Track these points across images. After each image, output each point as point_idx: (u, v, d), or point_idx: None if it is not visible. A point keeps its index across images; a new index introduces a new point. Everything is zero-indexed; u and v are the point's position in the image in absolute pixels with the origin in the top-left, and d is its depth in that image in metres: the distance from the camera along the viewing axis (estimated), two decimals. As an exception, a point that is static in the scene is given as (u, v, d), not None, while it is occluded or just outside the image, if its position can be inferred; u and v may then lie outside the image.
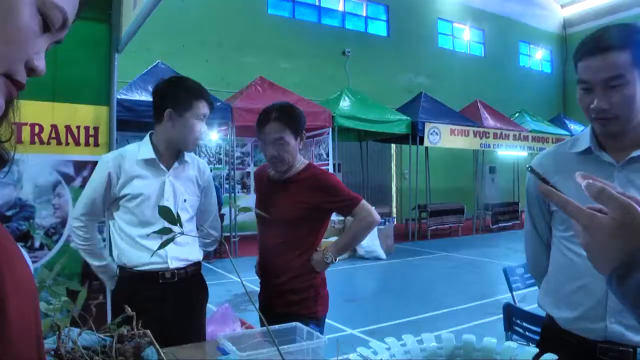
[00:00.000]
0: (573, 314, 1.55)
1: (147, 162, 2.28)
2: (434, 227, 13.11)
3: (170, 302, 2.26)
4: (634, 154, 1.46)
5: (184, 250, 2.32)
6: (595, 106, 1.43)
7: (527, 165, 0.77)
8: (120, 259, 2.30)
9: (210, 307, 2.48)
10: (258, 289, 2.44)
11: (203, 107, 2.27)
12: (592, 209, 0.71)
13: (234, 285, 6.45)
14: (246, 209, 1.44)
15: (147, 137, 2.35)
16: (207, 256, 9.58)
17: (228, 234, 9.52)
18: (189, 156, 2.40)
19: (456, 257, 10.14)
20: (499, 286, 5.83)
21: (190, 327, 2.33)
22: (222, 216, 9.18)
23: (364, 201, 2.30)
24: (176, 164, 2.33)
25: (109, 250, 2.47)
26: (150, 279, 2.26)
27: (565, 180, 1.28)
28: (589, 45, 1.42)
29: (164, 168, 2.30)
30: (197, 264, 2.42)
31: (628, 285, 0.67)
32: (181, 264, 2.32)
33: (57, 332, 1.39)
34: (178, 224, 1.36)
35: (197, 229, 2.45)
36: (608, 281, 0.70)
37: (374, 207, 2.47)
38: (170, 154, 2.33)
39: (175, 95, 2.26)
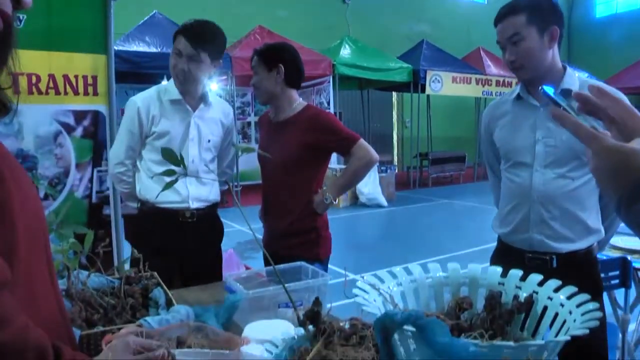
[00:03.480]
0: (508, 228, 1.98)
1: (174, 103, 2.37)
2: (435, 175, 13.14)
3: (188, 240, 2.33)
4: None
5: (206, 191, 2.41)
6: (506, 59, 1.91)
7: (540, 87, 0.77)
8: (143, 194, 2.39)
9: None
10: (261, 237, 2.48)
11: (178, 43, 2.30)
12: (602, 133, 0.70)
13: (237, 233, 6.53)
14: (249, 149, 1.44)
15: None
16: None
17: (231, 184, 9.54)
18: (214, 98, 2.49)
19: (457, 204, 10.20)
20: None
21: (207, 265, 2.42)
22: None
23: (362, 140, 2.30)
24: (202, 106, 2.41)
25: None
26: (170, 217, 2.34)
27: (503, 120, 1.99)
28: (498, 14, 1.89)
29: (190, 109, 2.39)
30: (215, 205, 2.50)
31: (636, 211, 0.67)
32: (201, 205, 2.39)
33: (67, 273, 1.41)
34: (182, 165, 1.37)
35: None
36: (616, 207, 0.70)
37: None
38: (194, 96, 2.40)
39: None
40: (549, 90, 0.77)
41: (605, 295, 2.28)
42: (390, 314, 0.49)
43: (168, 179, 2.27)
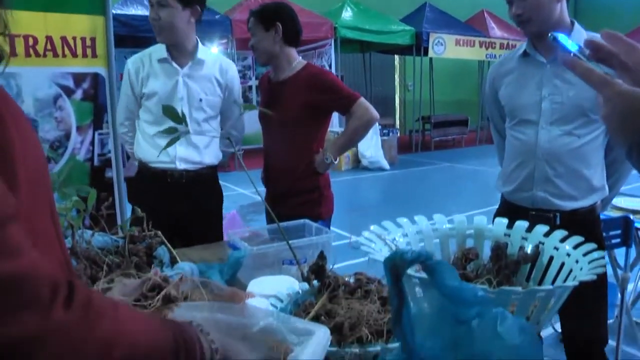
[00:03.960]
0: (512, 186, 1.98)
1: (161, 61, 2.35)
2: (438, 138, 13.08)
3: (180, 203, 2.32)
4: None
5: (195, 152, 2.37)
6: (512, 13, 1.84)
7: (550, 34, 0.74)
8: (137, 153, 2.42)
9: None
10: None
11: None
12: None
13: (239, 197, 6.54)
14: (251, 107, 1.42)
15: None
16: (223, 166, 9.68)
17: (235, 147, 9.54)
18: (209, 55, 2.43)
19: (460, 168, 10.19)
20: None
21: (203, 231, 2.39)
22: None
23: (362, 99, 2.29)
24: (190, 63, 2.35)
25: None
26: (160, 177, 2.34)
27: (509, 78, 1.96)
28: None
29: (177, 67, 2.34)
30: (213, 168, 2.46)
31: None
32: (190, 166, 2.34)
33: (71, 232, 1.41)
34: (183, 123, 1.35)
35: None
36: (628, 153, 0.68)
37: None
38: (183, 53, 2.35)
39: None
40: (561, 37, 0.75)
41: (606, 255, 2.30)
42: (401, 252, 0.49)
43: (162, 141, 2.27)
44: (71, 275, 0.71)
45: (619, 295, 2.63)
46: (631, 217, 2.52)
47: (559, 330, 2.42)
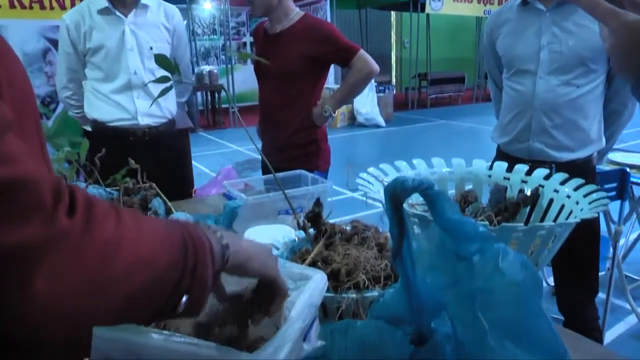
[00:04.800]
0: (508, 137, 1.97)
1: (103, 12, 2.20)
2: (434, 96, 12.98)
3: (145, 160, 2.22)
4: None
5: (156, 106, 2.25)
6: None
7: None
8: (92, 115, 2.28)
9: (211, 174, 2.48)
10: (259, 156, 2.46)
11: None
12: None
13: (234, 153, 6.51)
14: (245, 55, 1.38)
15: None
16: (209, 124, 9.63)
17: (227, 106, 9.47)
18: (153, 1, 2.29)
19: (456, 125, 10.15)
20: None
21: (173, 186, 2.30)
22: (220, 86, 9.06)
23: (362, 51, 2.24)
24: (134, 10, 2.22)
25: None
26: (121, 137, 2.23)
27: (507, 27, 1.94)
28: None
29: (121, 16, 2.21)
30: (172, 121, 2.38)
31: None
32: (152, 121, 2.28)
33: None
34: (176, 72, 1.32)
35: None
36: (634, 88, 0.67)
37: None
38: (129, 1, 2.22)
39: None
40: None
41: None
42: (402, 179, 0.47)
43: (118, 97, 2.17)
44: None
45: (611, 249, 2.65)
46: (627, 170, 2.51)
47: (552, 284, 2.45)
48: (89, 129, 2.42)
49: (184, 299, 0.56)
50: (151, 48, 2.25)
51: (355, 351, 0.50)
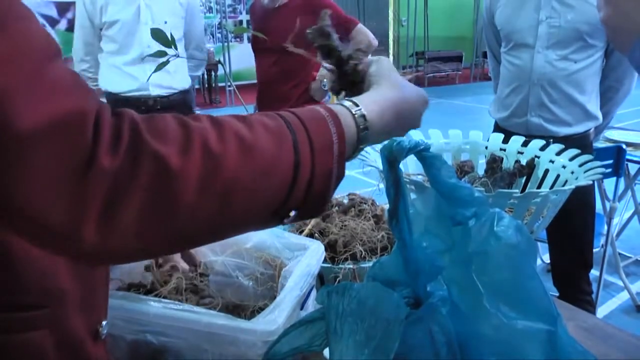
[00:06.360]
0: (506, 112, 1.98)
1: None
2: (432, 74, 12.94)
3: None
4: None
5: (168, 77, 2.30)
6: None
7: None
8: (105, 87, 2.32)
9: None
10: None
11: None
12: None
13: (232, 134, 6.50)
14: (242, 29, 1.38)
15: None
16: (206, 102, 9.57)
17: (223, 84, 9.41)
18: None
19: (453, 104, 10.13)
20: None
21: None
22: (217, 63, 8.94)
23: (361, 24, 2.23)
24: None
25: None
26: (132, 106, 2.27)
27: (505, 0, 1.90)
28: None
29: None
30: (185, 93, 2.41)
31: None
32: (164, 92, 2.31)
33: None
34: (172, 46, 1.31)
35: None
36: (630, 55, 0.66)
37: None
38: None
39: None
40: None
41: (595, 185, 2.33)
42: (399, 140, 0.48)
43: (131, 69, 2.21)
44: None
45: (605, 226, 2.67)
46: (624, 147, 2.52)
47: (547, 261, 2.47)
48: (104, 100, 2.45)
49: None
50: (166, 22, 2.27)
51: (352, 312, 0.51)
